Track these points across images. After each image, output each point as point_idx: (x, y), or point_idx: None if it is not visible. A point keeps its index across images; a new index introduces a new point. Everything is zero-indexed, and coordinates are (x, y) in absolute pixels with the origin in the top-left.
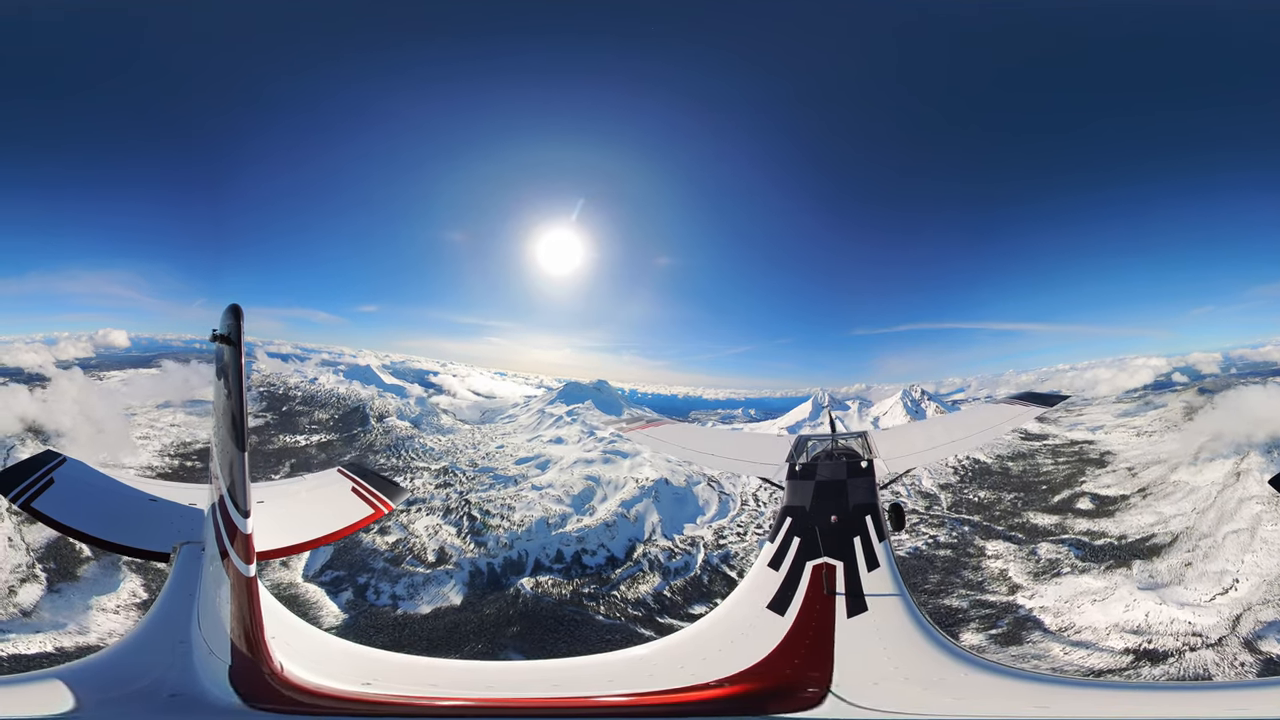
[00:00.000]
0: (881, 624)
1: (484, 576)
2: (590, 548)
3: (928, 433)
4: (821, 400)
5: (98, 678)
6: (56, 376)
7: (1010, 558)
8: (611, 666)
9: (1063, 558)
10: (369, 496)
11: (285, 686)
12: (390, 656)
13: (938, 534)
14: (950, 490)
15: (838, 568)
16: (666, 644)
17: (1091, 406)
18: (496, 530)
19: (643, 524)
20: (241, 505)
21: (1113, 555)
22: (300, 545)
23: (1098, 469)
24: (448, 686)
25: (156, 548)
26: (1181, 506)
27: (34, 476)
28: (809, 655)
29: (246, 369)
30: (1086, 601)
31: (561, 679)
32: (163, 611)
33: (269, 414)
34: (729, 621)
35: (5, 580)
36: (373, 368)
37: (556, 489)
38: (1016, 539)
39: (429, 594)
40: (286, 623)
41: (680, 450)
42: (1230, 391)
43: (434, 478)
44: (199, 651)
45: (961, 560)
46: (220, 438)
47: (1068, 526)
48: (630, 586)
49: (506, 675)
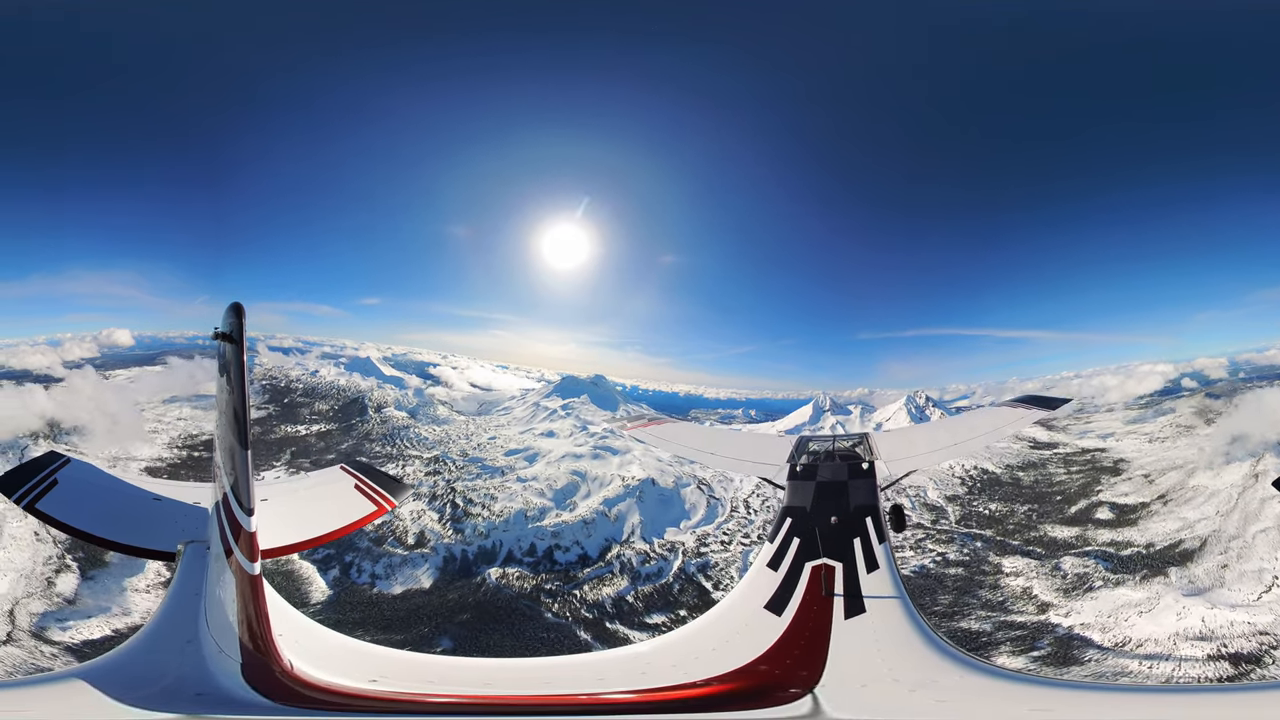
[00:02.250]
0: (879, 626)
1: (456, 563)
2: (564, 544)
3: (930, 435)
4: (823, 404)
5: (118, 677)
6: (69, 375)
7: (1032, 574)
8: (608, 664)
9: (1091, 571)
10: (371, 494)
11: (297, 684)
12: (392, 653)
13: (946, 551)
14: (958, 503)
15: (837, 569)
16: (663, 642)
17: (1099, 413)
18: (476, 519)
19: (622, 524)
20: (245, 503)
21: (1145, 565)
22: (303, 543)
23: (1113, 477)
24: (450, 683)
25: (161, 547)
26: (1205, 510)
27: (38, 478)
28: (802, 655)
29: (249, 364)
30: (1132, 614)
31: (557, 676)
32: (170, 611)
33: (271, 406)
34: (725, 621)
35: (41, 573)
36: (373, 360)
37: (540, 482)
38: (1036, 554)
39: (403, 575)
40: (291, 619)
41: (681, 448)
42: (1243, 395)
43: (424, 466)
44: (209, 650)
45: (976, 579)
46: (223, 435)
47: (1089, 538)
48: (594, 588)
49: (504, 672)
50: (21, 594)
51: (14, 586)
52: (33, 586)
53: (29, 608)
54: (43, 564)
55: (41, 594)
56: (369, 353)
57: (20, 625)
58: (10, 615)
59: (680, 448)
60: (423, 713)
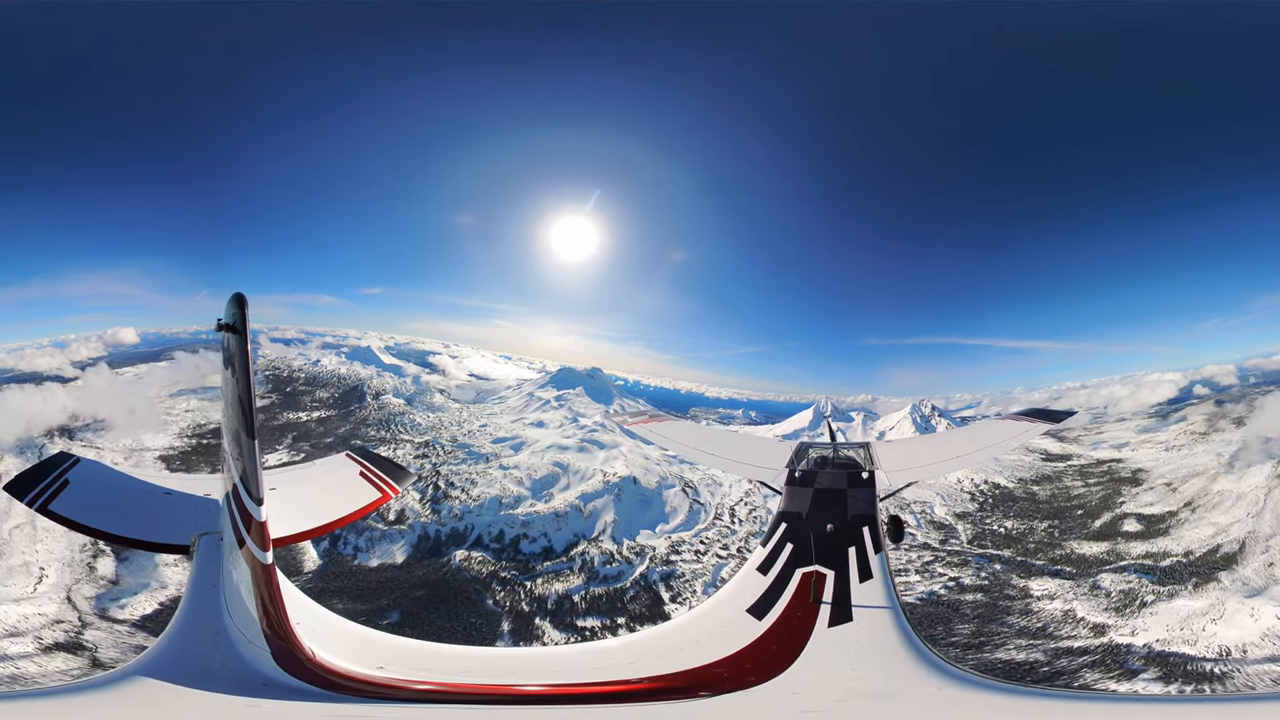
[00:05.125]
0: (863, 635)
1: (429, 542)
2: (532, 534)
3: (933, 446)
4: (824, 409)
5: (177, 670)
6: (85, 374)
7: (1070, 595)
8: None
9: (1137, 586)
10: (376, 480)
11: (323, 671)
12: (392, 640)
13: (960, 575)
14: (969, 520)
15: (828, 577)
16: (632, 639)
17: (1109, 423)
18: (453, 501)
19: (595, 520)
20: (255, 493)
21: (1191, 573)
22: (313, 530)
23: (1134, 487)
24: (450, 672)
25: (175, 541)
26: (1234, 514)
27: (49, 479)
28: (766, 660)
29: (252, 355)
30: (1204, 622)
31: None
32: (193, 604)
33: (274, 395)
34: (703, 623)
35: (80, 559)
36: (373, 349)
37: (521, 470)
38: (1066, 574)
39: (380, 550)
40: (303, 606)
41: (678, 446)
42: (1259, 399)
43: (415, 449)
44: (238, 641)
45: (1001, 604)
46: (230, 426)
47: (1122, 552)
48: (547, 582)
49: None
50: (70, 581)
51: (62, 575)
52: (78, 573)
53: (82, 593)
54: (79, 551)
55: (87, 579)
56: (370, 342)
57: (83, 610)
58: (69, 602)
59: (678, 446)
60: (428, 700)
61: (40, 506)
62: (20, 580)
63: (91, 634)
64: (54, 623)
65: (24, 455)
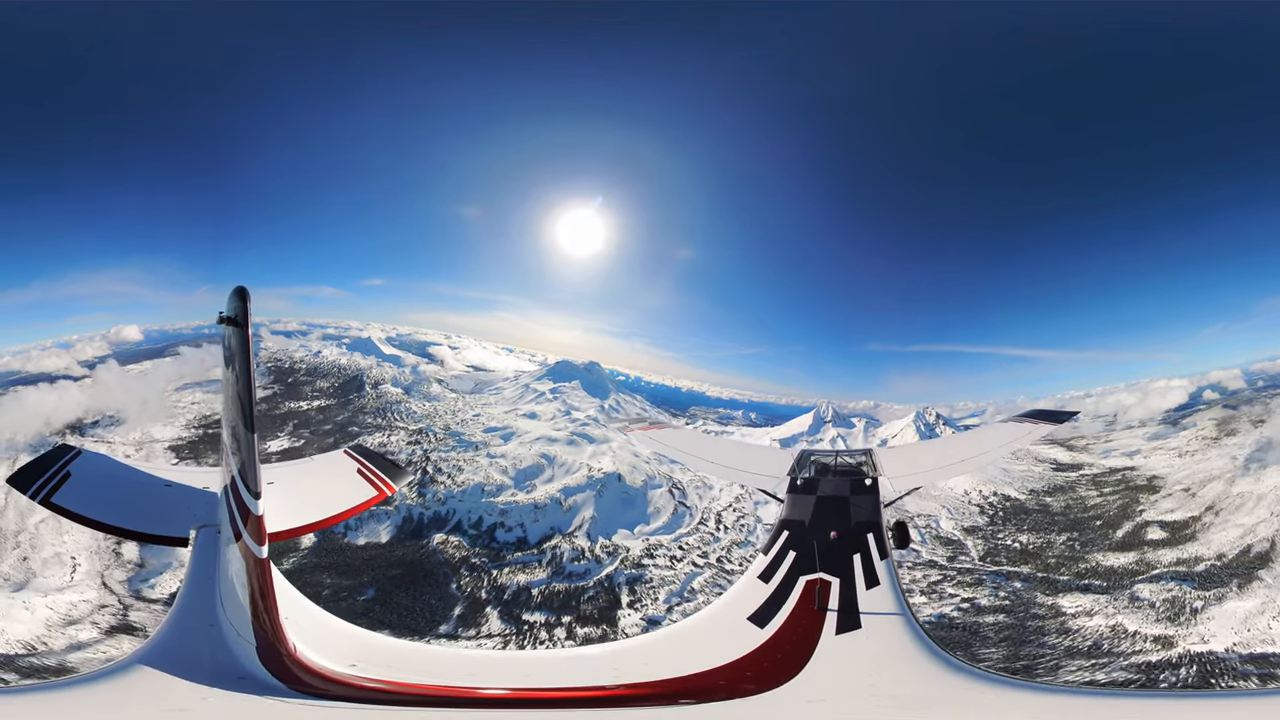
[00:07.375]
0: (873, 642)
1: (413, 524)
2: (509, 524)
3: (935, 451)
4: (825, 414)
5: (172, 660)
6: (96, 371)
7: (1109, 610)
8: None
9: (1179, 594)
10: (373, 478)
11: (299, 669)
12: (370, 636)
13: (975, 595)
14: (979, 535)
15: (833, 584)
16: (626, 645)
17: (1119, 431)
18: (439, 486)
19: (574, 515)
20: (252, 486)
21: (1230, 574)
22: (308, 526)
23: (1151, 495)
24: (423, 673)
25: (174, 533)
26: (1258, 514)
27: (50, 472)
28: (773, 667)
29: (254, 348)
30: (1266, 620)
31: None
32: (189, 596)
33: (275, 385)
34: (702, 630)
35: (106, 545)
36: (374, 340)
37: (508, 460)
38: (1097, 587)
39: (368, 529)
40: (290, 598)
41: (678, 454)
42: (1269, 402)
43: (408, 436)
44: (229, 634)
45: (1030, 625)
46: (230, 419)
47: (1152, 561)
48: (513, 573)
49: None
50: (101, 567)
51: (93, 562)
52: (106, 559)
53: (114, 577)
54: (103, 538)
55: (116, 564)
56: (371, 333)
57: (120, 593)
58: (106, 587)
59: (678, 453)
60: (396, 703)
61: (43, 499)
62: (56, 571)
63: (135, 615)
64: (99, 607)
65: (39, 453)
